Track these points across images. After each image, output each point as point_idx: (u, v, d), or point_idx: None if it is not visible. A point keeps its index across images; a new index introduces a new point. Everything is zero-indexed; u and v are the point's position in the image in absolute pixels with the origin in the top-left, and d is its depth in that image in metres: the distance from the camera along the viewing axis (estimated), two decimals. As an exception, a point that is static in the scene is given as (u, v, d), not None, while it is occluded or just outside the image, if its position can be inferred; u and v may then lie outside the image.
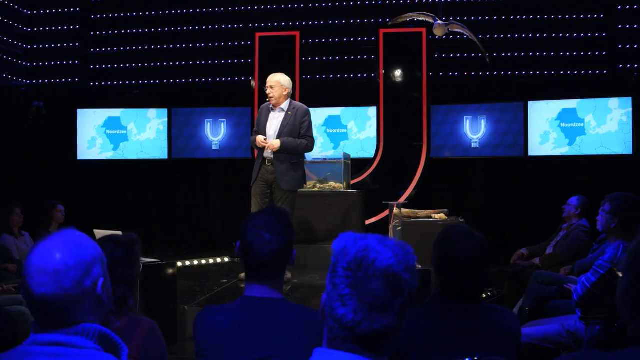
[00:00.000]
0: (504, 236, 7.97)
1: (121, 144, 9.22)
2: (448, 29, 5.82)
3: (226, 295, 5.00)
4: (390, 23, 6.66)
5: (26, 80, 9.60)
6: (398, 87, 8.01)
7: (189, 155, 9.18)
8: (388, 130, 7.99)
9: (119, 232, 4.25)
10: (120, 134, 9.22)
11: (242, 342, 2.01)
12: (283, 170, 5.06)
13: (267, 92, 5.16)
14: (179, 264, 6.95)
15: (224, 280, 5.62)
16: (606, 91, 8.12)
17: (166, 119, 9.14)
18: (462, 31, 6.04)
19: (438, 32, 5.81)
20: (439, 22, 5.68)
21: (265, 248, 2.02)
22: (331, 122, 9.10)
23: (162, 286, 4.27)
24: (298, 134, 5.12)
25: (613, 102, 8.07)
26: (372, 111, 8.64)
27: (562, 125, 8.28)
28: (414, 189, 7.81)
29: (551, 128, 8.31)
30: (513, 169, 8.52)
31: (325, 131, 9.10)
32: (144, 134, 9.20)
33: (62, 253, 1.49)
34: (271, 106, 5.21)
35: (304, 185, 5.50)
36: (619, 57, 8.33)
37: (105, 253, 2.26)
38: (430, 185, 8.04)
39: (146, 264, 4.16)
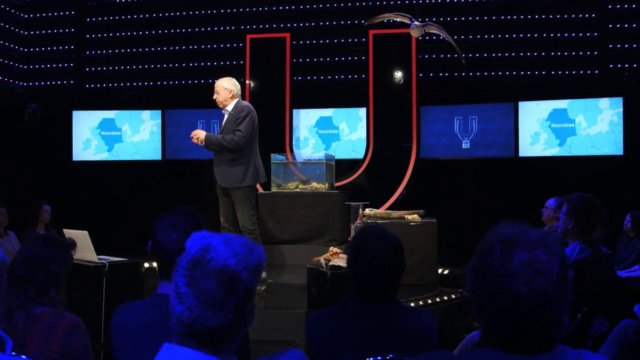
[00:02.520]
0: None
1: (115, 145, 9.34)
2: (424, 29, 5.82)
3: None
4: (366, 23, 6.68)
5: (23, 83, 9.78)
6: (387, 88, 8.02)
7: (182, 156, 9.26)
8: (378, 131, 8.01)
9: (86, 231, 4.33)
10: (115, 135, 9.35)
11: (153, 337, 2.04)
12: (220, 168, 5.18)
13: (214, 97, 5.30)
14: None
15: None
16: (597, 91, 8.05)
17: (160, 120, 9.24)
18: (438, 32, 6.03)
19: (415, 33, 5.81)
20: (416, 22, 5.68)
21: (172, 247, 2.07)
22: (323, 123, 9.14)
23: (128, 285, 4.33)
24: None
25: (604, 102, 8.00)
26: (363, 112, 8.65)
27: (553, 125, 8.23)
28: (404, 189, 7.81)
29: (542, 129, 8.26)
30: (504, 169, 8.48)
31: (317, 132, 9.14)
32: (138, 135, 9.31)
33: None
34: (222, 111, 5.36)
35: (257, 182, 5.53)
36: (610, 57, 8.26)
37: (34, 244, 2.41)
38: (420, 185, 8.03)
39: (112, 263, 4.24)
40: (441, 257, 6.04)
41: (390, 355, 2.10)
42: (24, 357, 2.21)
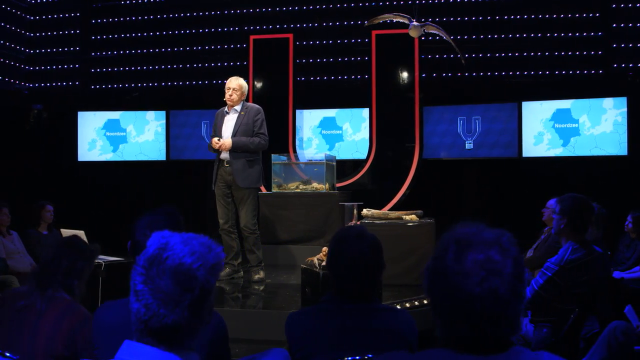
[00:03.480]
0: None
1: (120, 146, 9.42)
2: (423, 30, 5.82)
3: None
4: (366, 24, 6.69)
5: (28, 84, 9.89)
6: (391, 88, 8.00)
7: (187, 157, 9.32)
8: (381, 132, 7.99)
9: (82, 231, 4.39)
10: (120, 135, 9.42)
11: (129, 335, 2.08)
12: (239, 168, 5.22)
13: (229, 94, 5.31)
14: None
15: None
16: (601, 91, 7.99)
17: (164, 121, 9.30)
18: (437, 32, 6.02)
19: (413, 33, 5.81)
20: (414, 23, 5.67)
21: (150, 247, 2.09)
22: (326, 123, 9.14)
23: (125, 284, 4.36)
24: (252, 132, 5.28)
25: (608, 102, 7.94)
26: (367, 112, 8.64)
27: (556, 125, 8.18)
28: (407, 189, 7.80)
29: (545, 129, 8.22)
30: (507, 170, 8.45)
31: (321, 132, 9.15)
32: (143, 135, 9.38)
33: None
34: (225, 110, 5.40)
35: (266, 183, 5.61)
36: (614, 57, 8.20)
37: (59, 240, 2.65)
38: (423, 186, 8.01)
39: (109, 263, 4.29)
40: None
41: (369, 355, 2.10)
42: (16, 356, 2.26)
